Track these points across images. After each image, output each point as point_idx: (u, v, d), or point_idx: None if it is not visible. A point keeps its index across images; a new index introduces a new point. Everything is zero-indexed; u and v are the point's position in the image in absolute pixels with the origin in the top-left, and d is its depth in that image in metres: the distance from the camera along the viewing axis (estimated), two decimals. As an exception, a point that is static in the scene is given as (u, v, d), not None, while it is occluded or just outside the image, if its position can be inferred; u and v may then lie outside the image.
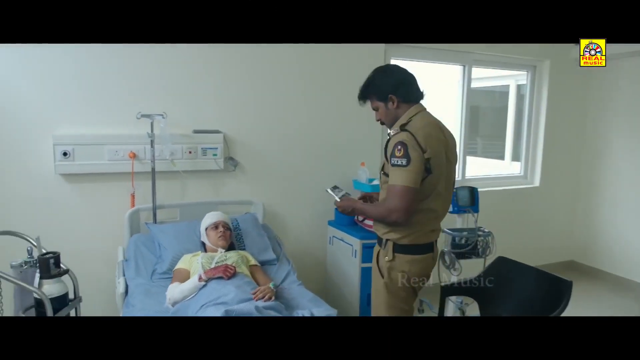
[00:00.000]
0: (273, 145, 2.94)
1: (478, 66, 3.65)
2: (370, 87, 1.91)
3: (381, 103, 1.89)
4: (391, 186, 1.74)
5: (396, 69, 1.93)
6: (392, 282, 1.87)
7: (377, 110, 1.93)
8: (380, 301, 1.93)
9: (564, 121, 4.02)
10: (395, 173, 1.72)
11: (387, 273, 1.87)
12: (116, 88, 2.51)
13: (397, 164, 1.71)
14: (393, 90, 1.87)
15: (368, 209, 1.93)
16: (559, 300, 2.09)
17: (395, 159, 1.72)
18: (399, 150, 1.71)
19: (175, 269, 2.12)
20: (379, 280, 1.91)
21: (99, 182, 2.54)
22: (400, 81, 1.88)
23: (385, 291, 1.89)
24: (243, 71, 2.79)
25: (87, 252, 2.51)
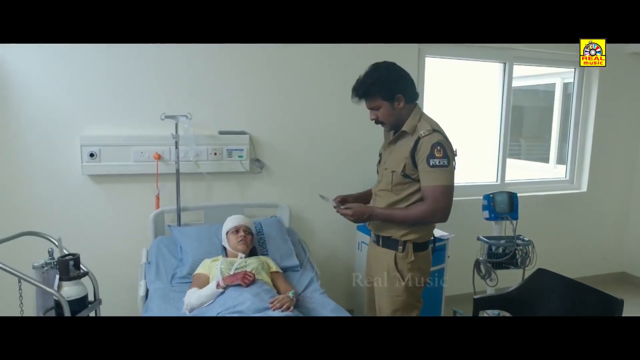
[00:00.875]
0: (300, 147, 2.86)
1: (520, 63, 3.43)
2: (376, 85, 1.82)
3: (386, 102, 1.82)
4: (433, 187, 1.75)
5: (398, 67, 1.86)
6: (413, 282, 1.87)
7: (379, 110, 1.85)
8: (398, 306, 1.88)
9: (615, 121, 3.72)
10: (436, 173, 1.74)
11: (408, 275, 1.85)
12: (142, 89, 2.50)
13: (438, 164, 1.74)
14: (401, 89, 1.81)
15: (393, 212, 1.85)
16: (606, 320, 1.89)
17: (435, 159, 1.74)
18: (438, 150, 1.74)
19: (195, 274, 2.07)
20: (398, 284, 1.86)
21: (125, 183, 2.53)
22: (405, 79, 1.84)
23: (406, 293, 1.87)
24: (269, 71, 2.72)
25: (111, 253, 2.51)
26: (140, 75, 2.49)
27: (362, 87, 1.86)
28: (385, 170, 1.91)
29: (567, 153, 3.80)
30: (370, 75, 1.85)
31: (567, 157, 3.80)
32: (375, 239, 1.96)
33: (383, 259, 1.90)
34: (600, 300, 2.03)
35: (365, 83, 1.85)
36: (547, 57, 3.51)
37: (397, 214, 1.84)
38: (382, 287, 1.91)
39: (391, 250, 1.88)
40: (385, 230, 1.90)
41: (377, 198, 1.96)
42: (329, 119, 2.90)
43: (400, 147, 1.87)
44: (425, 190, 1.78)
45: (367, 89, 1.84)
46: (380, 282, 1.92)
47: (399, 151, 1.86)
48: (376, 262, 1.96)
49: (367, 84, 1.84)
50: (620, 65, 3.64)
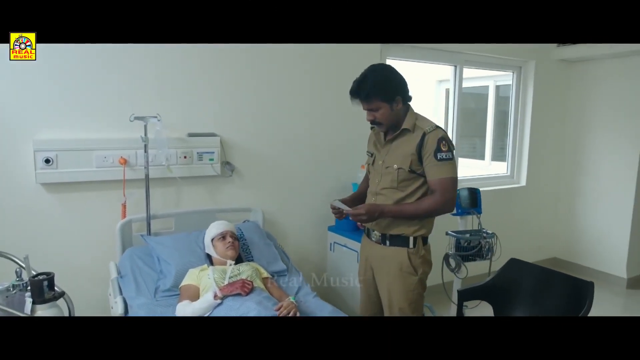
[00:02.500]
0: (270, 148, 2.80)
1: (468, 66, 3.65)
2: (378, 87, 1.83)
3: (386, 104, 1.85)
4: (441, 179, 1.83)
5: (394, 69, 1.91)
6: (424, 275, 1.97)
7: (378, 111, 1.87)
8: (413, 299, 1.94)
9: (547, 121, 4.09)
10: (444, 167, 1.83)
11: (421, 268, 1.93)
12: (103, 88, 2.29)
13: (445, 158, 1.83)
14: (400, 91, 1.87)
15: (403, 208, 1.88)
16: (580, 302, 2.07)
17: (442, 153, 1.82)
18: (444, 145, 1.83)
19: (183, 286, 1.94)
20: (412, 280, 1.93)
21: (86, 191, 2.31)
22: (402, 82, 1.89)
23: (420, 287, 1.95)
24: (238, 72, 2.63)
25: (74, 270, 2.27)
26: (101, 73, 2.28)
27: (364, 89, 1.85)
28: (388, 168, 1.92)
29: (508, 151, 4.10)
30: (370, 78, 1.85)
31: (508, 155, 4.10)
32: (379, 238, 1.97)
33: (394, 257, 1.93)
34: (571, 284, 2.22)
35: (366, 85, 1.84)
36: (490, 61, 3.76)
37: (407, 209, 1.88)
38: (394, 283, 1.93)
39: (402, 247, 1.91)
40: (394, 228, 1.92)
41: (379, 197, 1.96)
42: (298, 121, 2.86)
43: (403, 144, 1.90)
44: (433, 183, 1.84)
45: (369, 91, 1.84)
46: (392, 280, 1.94)
47: (403, 148, 1.89)
48: (383, 260, 1.97)
49: (368, 86, 1.84)
50: (551, 71, 4.01)
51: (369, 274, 2.07)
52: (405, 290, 1.92)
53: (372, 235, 2.01)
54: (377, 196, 1.98)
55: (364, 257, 2.10)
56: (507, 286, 2.36)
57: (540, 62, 3.93)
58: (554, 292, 2.24)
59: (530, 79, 3.94)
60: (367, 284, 2.10)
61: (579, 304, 2.07)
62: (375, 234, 1.98)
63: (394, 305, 1.95)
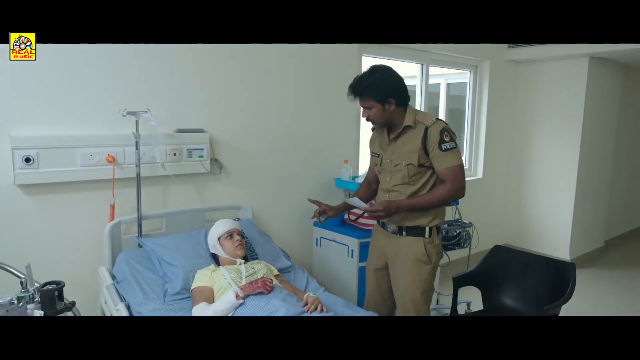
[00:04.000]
0: (255, 145, 2.74)
1: (434, 65, 3.81)
2: (371, 88, 1.92)
3: (378, 104, 1.93)
4: (450, 168, 1.90)
5: (392, 72, 1.98)
6: (436, 264, 2.05)
7: (371, 109, 1.96)
8: (425, 288, 2.02)
9: (500, 117, 4.39)
10: (449, 156, 1.90)
11: (434, 257, 2.02)
12: (87, 82, 2.12)
13: (449, 147, 1.90)
14: (392, 94, 1.93)
15: (418, 200, 1.95)
16: (563, 282, 2.27)
17: (445, 144, 1.90)
18: (446, 135, 1.91)
19: (195, 288, 1.86)
20: (426, 269, 2.00)
21: (70, 192, 2.13)
22: (398, 85, 1.96)
23: (432, 276, 2.04)
24: (223, 68, 2.55)
25: (56, 277, 2.08)
26: (85, 66, 2.10)
27: (359, 87, 1.94)
28: (397, 166, 1.98)
29: (465, 145, 4.35)
30: (368, 77, 1.93)
31: (465, 149, 4.35)
32: (396, 229, 2.02)
33: (410, 246, 1.99)
34: (553, 266, 2.43)
35: (362, 84, 1.93)
36: (452, 60, 3.97)
37: (422, 200, 1.94)
38: (409, 273, 2.00)
39: (419, 237, 1.98)
40: (411, 220, 1.98)
41: (391, 194, 2.01)
42: (283, 118, 2.84)
43: (408, 141, 1.97)
44: (442, 172, 1.91)
45: (363, 90, 1.93)
46: (407, 269, 1.99)
47: (408, 144, 1.96)
48: (399, 251, 2.02)
49: (363, 85, 1.93)
50: (503, 70, 4.31)
51: (381, 265, 2.12)
52: (419, 279, 1.99)
53: (387, 227, 2.06)
54: (389, 193, 2.02)
55: (378, 248, 2.14)
56: (493, 271, 2.52)
57: (494, 62, 4.21)
58: (537, 274, 2.43)
59: (486, 77, 4.21)
60: (379, 274, 2.15)
61: (562, 284, 2.27)
62: (392, 226, 2.03)
63: (407, 296, 2.01)
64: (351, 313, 1.88)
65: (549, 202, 4.42)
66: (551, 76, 4.28)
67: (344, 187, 3.02)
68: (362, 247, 2.67)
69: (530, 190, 4.55)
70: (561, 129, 4.26)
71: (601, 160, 4.54)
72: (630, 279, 4.07)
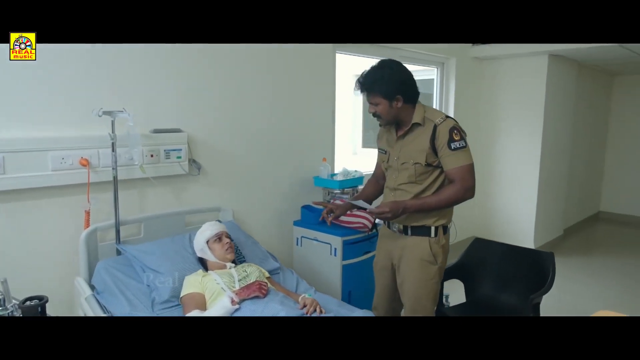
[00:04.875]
0: (232, 145, 2.67)
1: (404, 62, 3.83)
2: (378, 84, 1.88)
3: (385, 100, 1.89)
4: (459, 168, 1.85)
5: (401, 67, 1.94)
6: (443, 264, 2.02)
7: (378, 106, 1.92)
8: (431, 288, 2.00)
9: (466, 113, 4.49)
10: (459, 154, 1.86)
11: (441, 257, 1.98)
12: (57, 81, 1.98)
13: (459, 146, 1.86)
14: (400, 90, 1.88)
15: (425, 201, 1.91)
16: (542, 272, 2.35)
17: (455, 142, 1.85)
18: (456, 134, 1.87)
19: (185, 295, 1.77)
20: (432, 269, 1.97)
21: (40, 199, 1.98)
22: (406, 81, 1.92)
23: (438, 275, 2.01)
24: (199, 66, 2.45)
25: (25, 292, 1.93)
26: (53, 64, 1.96)
27: (366, 83, 1.89)
28: (404, 164, 1.94)
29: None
30: (375, 73, 1.88)
31: (434, 144, 4.43)
32: (401, 229, 1.99)
33: (415, 246, 1.96)
34: (532, 256, 2.51)
35: (369, 79, 1.88)
36: (421, 57, 4.02)
37: (429, 201, 1.89)
38: (414, 273, 1.97)
39: (424, 237, 1.95)
40: (416, 220, 1.94)
41: (397, 193, 1.98)
42: (260, 116, 2.78)
43: (416, 139, 1.92)
44: (451, 172, 1.87)
45: (370, 86, 1.88)
46: (412, 269, 1.97)
47: (416, 142, 1.92)
48: (404, 250, 1.99)
49: (371, 81, 1.88)
50: (468, 67, 4.42)
51: (387, 264, 2.10)
52: (424, 280, 1.97)
53: (392, 227, 2.04)
54: (395, 192, 2.00)
55: (384, 248, 2.11)
56: (475, 264, 2.58)
57: (460, 59, 4.31)
58: (517, 265, 2.51)
59: (452, 73, 4.30)
60: (385, 274, 2.12)
61: (541, 273, 2.36)
62: (397, 226, 2.01)
63: (413, 296, 1.99)
64: (347, 313, 1.86)
65: (513, 195, 4.59)
66: (513, 72, 4.43)
67: (322, 185, 3.00)
68: (345, 245, 2.66)
69: (496, 184, 4.70)
70: (524, 124, 4.43)
71: (561, 153, 4.77)
72: (588, 265, 4.31)
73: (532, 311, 2.19)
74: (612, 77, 5.98)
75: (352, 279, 2.69)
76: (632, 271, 4.17)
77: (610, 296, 3.60)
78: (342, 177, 2.96)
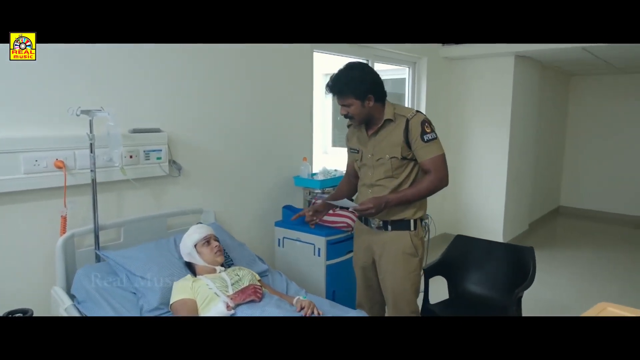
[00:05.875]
0: (212, 145, 2.59)
1: (378, 61, 3.88)
2: (350, 85, 1.91)
3: (358, 101, 1.93)
4: (432, 158, 1.93)
5: (369, 69, 2.01)
6: (423, 255, 2.09)
7: (350, 107, 1.95)
8: (413, 281, 2.04)
9: (437, 111, 4.58)
10: (432, 146, 1.93)
11: (421, 249, 2.04)
12: (29, 79, 1.86)
13: (431, 138, 1.94)
14: (372, 90, 1.94)
15: (405, 193, 1.95)
16: (523, 267, 2.42)
17: (427, 135, 1.93)
18: (427, 126, 1.95)
19: (176, 302, 1.70)
20: (414, 261, 2.02)
21: (12, 204, 1.85)
22: (376, 81, 1.98)
23: (419, 266, 2.06)
24: (177, 65, 2.37)
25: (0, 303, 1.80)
26: (26, 62, 1.83)
27: (337, 86, 1.92)
28: (380, 160, 1.98)
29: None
30: (345, 75, 1.92)
31: (407, 143, 4.49)
32: (381, 224, 2.01)
33: (396, 241, 1.99)
34: (512, 251, 2.58)
35: (340, 82, 1.91)
36: (393, 57, 4.07)
37: (409, 193, 1.94)
38: (397, 267, 2.00)
39: (404, 231, 1.99)
40: (396, 214, 1.98)
41: (375, 189, 2.00)
42: (239, 117, 2.72)
43: (390, 134, 1.97)
44: (425, 163, 1.93)
45: (342, 88, 1.91)
46: (394, 264, 2.00)
47: (390, 138, 1.96)
48: (385, 246, 2.02)
49: (342, 84, 1.91)
50: (438, 67, 4.50)
51: (368, 261, 2.10)
52: (407, 272, 2.00)
53: (371, 223, 2.04)
54: (373, 188, 2.01)
55: (364, 245, 2.12)
56: (457, 260, 2.62)
57: (431, 59, 4.38)
58: (498, 260, 2.57)
59: (424, 73, 4.37)
60: (366, 271, 2.13)
61: (521, 268, 2.42)
62: (376, 221, 2.02)
63: (397, 290, 2.02)
64: (340, 313, 1.84)
65: (483, 191, 4.72)
66: (482, 72, 4.55)
67: (303, 185, 2.97)
68: (329, 244, 2.64)
69: (466, 180, 4.82)
70: (492, 122, 4.55)
71: (526, 150, 4.94)
72: (552, 258, 4.48)
73: (515, 304, 2.25)
74: (569, 78, 6.26)
75: (336, 278, 2.67)
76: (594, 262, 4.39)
77: (584, 287, 3.78)
78: (322, 177, 2.94)
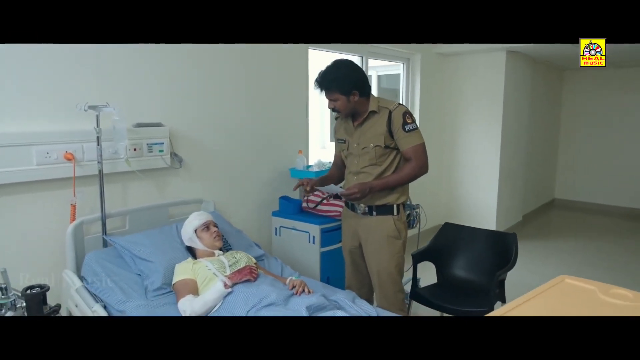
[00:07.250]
0: (211, 138, 2.73)
1: (373, 58, 4.00)
2: (335, 82, 2.05)
3: (343, 96, 2.07)
4: (414, 147, 2.07)
5: (354, 66, 2.13)
6: (405, 238, 2.23)
7: (337, 101, 2.10)
8: (397, 262, 2.18)
9: (431, 106, 4.71)
10: (413, 135, 2.07)
11: (404, 232, 2.18)
12: (40, 77, 2.00)
13: (412, 128, 2.08)
14: (357, 86, 2.07)
15: (388, 180, 2.09)
16: (506, 252, 2.55)
17: (408, 125, 2.07)
18: (408, 117, 2.09)
19: (178, 282, 1.85)
20: (397, 244, 2.15)
21: (26, 193, 2.00)
22: (361, 78, 2.11)
23: (402, 248, 2.21)
24: (178, 62, 2.51)
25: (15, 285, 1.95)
26: (35, 59, 1.98)
27: (325, 82, 2.07)
28: (365, 149, 2.12)
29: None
30: (332, 72, 2.06)
31: (401, 136, 4.61)
32: (366, 210, 2.15)
33: (380, 225, 2.13)
34: (496, 237, 2.71)
35: (327, 78, 2.06)
36: (388, 53, 4.19)
37: (391, 179, 2.09)
38: (382, 250, 2.14)
39: (388, 215, 2.13)
40: (380, 199, 2.12)
41: (360, 176, 2.14)
42: (239, 110, 2.86)
43: (374, 125, 2.12)
44: (407, 152, 2.08)
45: (329, 84, 2.05)
46: (379, 247, 2.14)
47: (374, 128, 2.11)
48: (370, 230, 2.16)
49: (329, 80, 2.05)
50: (432, 62, 4.62)
51: (355, 244, 2.24)
52: (392, 255, 2.15)
53: (357, 208, 2.18)
54: (358, 175, 2.15)
55: (351, 229, 2.26)
56: (445, 246, 2.76)
57: (425, 54, 4.51)
58: (483, 246, 2.71)
59: (418, 68, 4.49)
60: (354, 254, 2.27)
61: (505, 253, 2.56)
62: (362, 207, 2.16)
63: (383, 271, 2.16)
64: (329, 293, 1.97)
65: (476, 183, 4.85)
66: (475, 67, 4.67)
67: (298, 176, 3.10)
68: (323, 232, 2.78)
69: (460, 173, 4.95)
70: (485, 116, 4.68)
71: (519, 143, 5.06)
72: (545, 249, 4.62)
73: (497, 287, 2.39)
74: (562, 72, 6.37)
75: (330, 264, 2.82)
76: (585, 252, 4.51)
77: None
78: (317, 169, 3.08)
